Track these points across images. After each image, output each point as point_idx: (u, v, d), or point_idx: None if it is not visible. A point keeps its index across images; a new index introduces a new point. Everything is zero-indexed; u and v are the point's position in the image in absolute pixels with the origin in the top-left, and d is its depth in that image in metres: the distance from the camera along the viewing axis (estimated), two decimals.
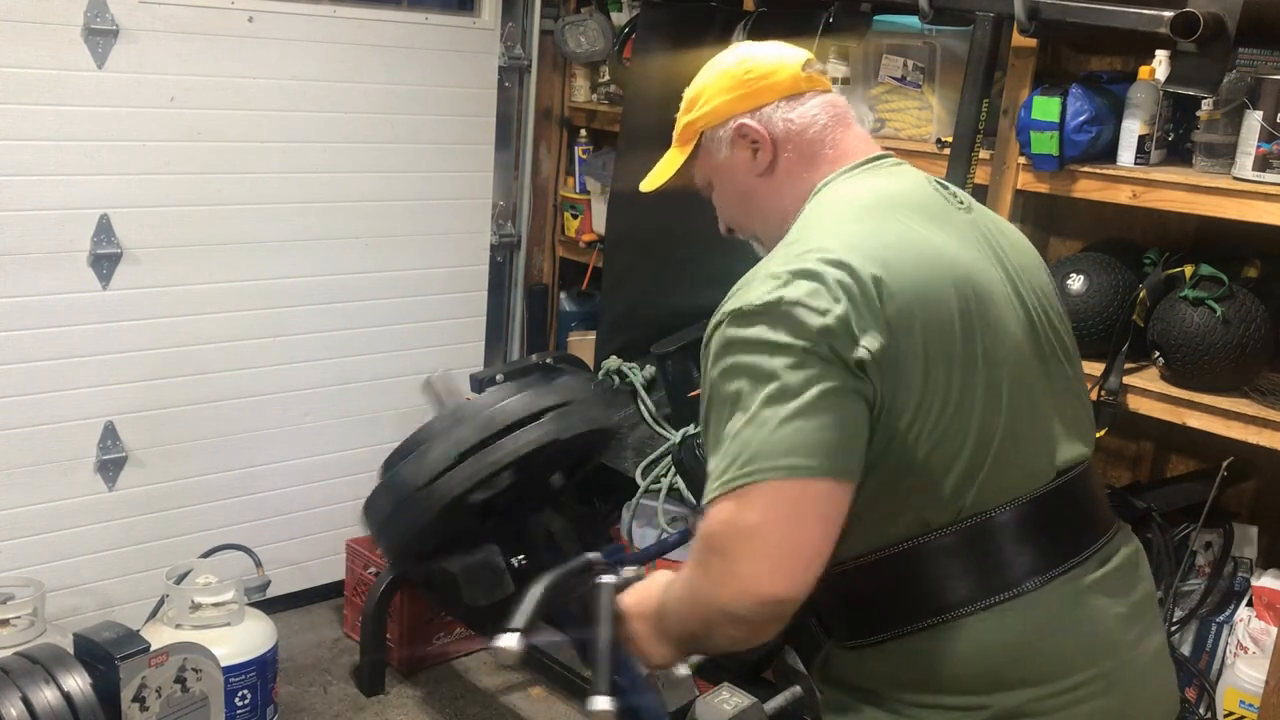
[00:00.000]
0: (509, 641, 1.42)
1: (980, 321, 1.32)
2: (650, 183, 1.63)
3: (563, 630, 1.59)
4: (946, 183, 1.52)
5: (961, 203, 1.48)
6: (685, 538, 1.82)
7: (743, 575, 1.22)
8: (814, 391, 1.21)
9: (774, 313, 1.25)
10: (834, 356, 1.23)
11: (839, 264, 1.27)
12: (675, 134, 1.60)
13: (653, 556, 1.87)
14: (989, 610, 1.31)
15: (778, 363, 1.23)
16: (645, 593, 1.48)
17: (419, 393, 1.78)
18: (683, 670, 1.53)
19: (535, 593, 1.48)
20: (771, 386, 1.23)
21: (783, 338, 1.24)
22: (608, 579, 1.51)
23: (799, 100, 1.50)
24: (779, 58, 1.53)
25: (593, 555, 1.56)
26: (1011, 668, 1.31)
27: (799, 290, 1.25)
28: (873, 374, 1.24)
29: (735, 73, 1.52)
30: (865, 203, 1.40)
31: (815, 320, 1.23)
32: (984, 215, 1.50)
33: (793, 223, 1.44)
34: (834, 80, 2.86)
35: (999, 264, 1.41)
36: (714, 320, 1.32)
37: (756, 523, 1.21)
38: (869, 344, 1.24)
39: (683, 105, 1.58)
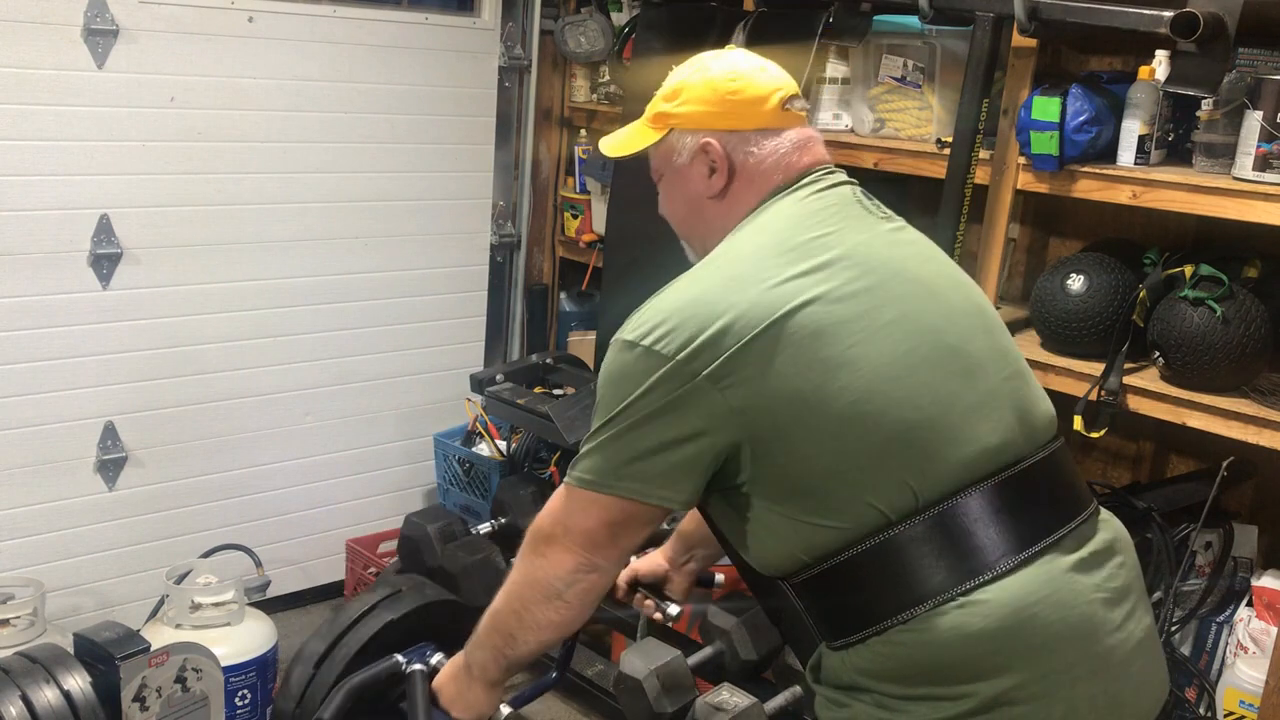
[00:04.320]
0: None
1: (877, 340, 1.36)
2: (613, 149, 1.64)
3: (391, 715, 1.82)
4: (870, 195, 1.56)
5: (885, 214, 1.53)
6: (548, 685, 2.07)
7: (561, 549, 1.46)
8: (643, 431, 1.37)
9: (633, 353, 1.38)
10: (672, 402, 1.35)
11: (707, 312, 1.35)
12: (648, 112, 1.60)
13: (537, 694, 2.05)
14: (966, 595, 1.32)
15: (623, 398, 1.38)
16: (453, 663, 1.69)
17: (420, 392, 1.81)
18: (504, 711, 1.70)
19: (343, 689, 1.75)
20: (614, 414, 1.39)
21: (635, 379, 1.37)
22: (418, 667, 1.75)
23: (770, 135, 1.52)
24: (765, 86, 1.53)
25: (400, 656, 1.80)
26: (993, 654, 1.32)
27: (657, 333, 1.37)
28: (736, 412, 1.34)
29: (720, 87, 1.53)
30: (773, 238, 1.44)
31: (663, 367, 1.35)
32: (901, 226, 1.54)
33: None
34: (834, 80, 2.86)
35: (913, 274, 1.44)
36: (615, 335, 1.44)
37: (575, 517, 1.46)
38: (725, 386, 1.34)
39: (663, 89, 1.59)
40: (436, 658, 1.78)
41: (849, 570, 1.36)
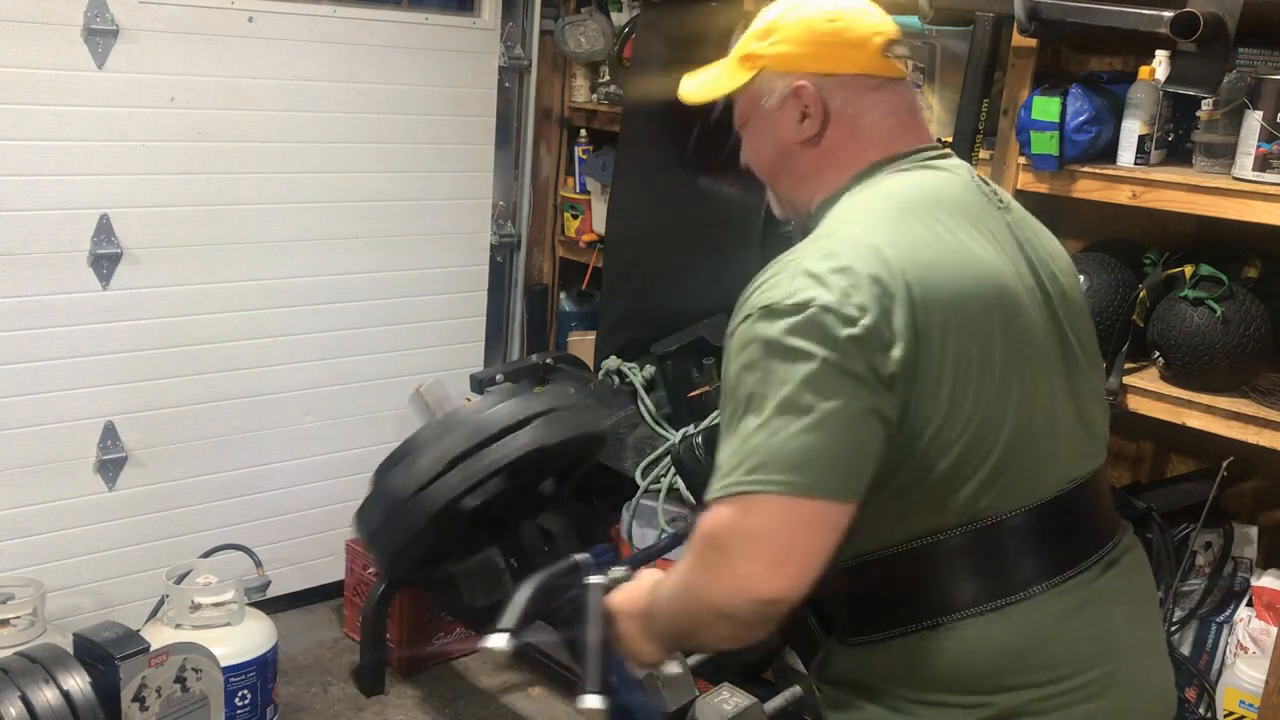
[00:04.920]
0: (499, 642, 1.45)
1: (1010, 330, 1.30)
2: (697, 94, 1.51)
3: (554, 630, 1.59)
4: (988, 180, 1.48)
5: (1002, 203, 1.45)
6: (678, 541, 1.81)
7: (739, 574, 1.22)
8: (829, 407, 1.19)
9: (802, 315, 1.21)
10: (857, 369, 1.20)
11: (875, 269, 1.23)
12: (736, 52, 1.47)
13: (648, 559, 1.86)
14: (994, 612, 1.30)
15: (798, 371, 1.20)
16: (634, 592, 1.47)
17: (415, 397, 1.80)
18: (675, 668, 1.53)
19: (524, 594, 1.51)
20: (788, 395, 1.20)
21: (807, 345, 1.20)
22: (596, 579, 1.52)
23: (870, 84, 1.40)
24: (868, 28, 1.41)
25: (581, 557, 1.57)
26: (1015, 670, 1.31)
27: (831, 294, 1.21)
28: (899, 387, 1.22)
29: (818, 26, 1.40)
30: (906, 202, 1.35)
31: (843, 330, 1.20)
32: (1021, 216, 1.47)
33: (822, 207, 1.41)
34: None
35: (1031, 270, 1.39)
36: (743, 311, 1.28)
37: (757, 528, 1.21)
38: (897, 356, 1.21)
39: (754, 28, 1.46)
40: (618, 571, 1.56)
41: (881, 569, 1.33)
